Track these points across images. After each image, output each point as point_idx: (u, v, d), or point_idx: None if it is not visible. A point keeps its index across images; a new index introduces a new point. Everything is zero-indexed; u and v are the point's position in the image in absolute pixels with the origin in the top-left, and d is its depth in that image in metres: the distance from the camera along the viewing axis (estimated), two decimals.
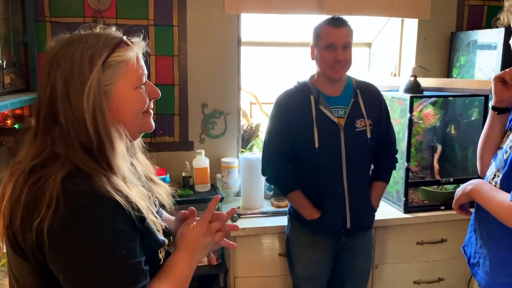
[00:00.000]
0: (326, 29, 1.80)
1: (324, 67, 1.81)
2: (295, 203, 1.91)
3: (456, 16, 2.73)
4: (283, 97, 1.91)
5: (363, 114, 1.85)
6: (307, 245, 1.93)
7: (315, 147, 1.81)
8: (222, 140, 2.55)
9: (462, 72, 2.65)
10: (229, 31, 2.46)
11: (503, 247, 1.31)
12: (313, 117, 1.82)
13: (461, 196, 1.45)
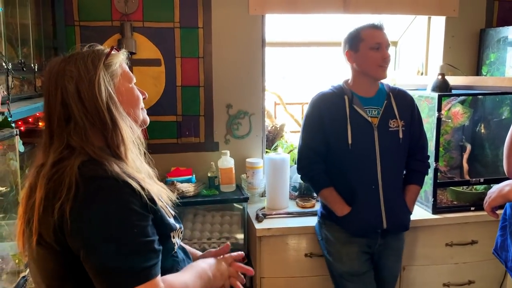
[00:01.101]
0: (370, 31, 1.86)
1: (372, 67, 1.86)
2: (327, 199, 1.93)
3: (485, 12, 2.67)
4: (318, 97, 1.96)
5: (396, 115, 1.91)
6: (342, 241, 1.93)
7: (348, 144, 1.85)
8: (246, 140, 2.56)
9: (492, 70, 2.58)
10: (254, 32, 2.47)
11: None
12: (347, 115, 1.87)
13: (497, 197, 1.40)
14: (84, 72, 0.99)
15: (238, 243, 2.34)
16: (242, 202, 2.33)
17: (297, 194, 2.47)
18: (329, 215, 1.95)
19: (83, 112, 0.98)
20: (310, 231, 2.11)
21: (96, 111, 0.98)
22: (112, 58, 1.05)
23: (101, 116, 0.98)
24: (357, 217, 1.87)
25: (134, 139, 1.05)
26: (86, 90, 0.98)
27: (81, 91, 0.98)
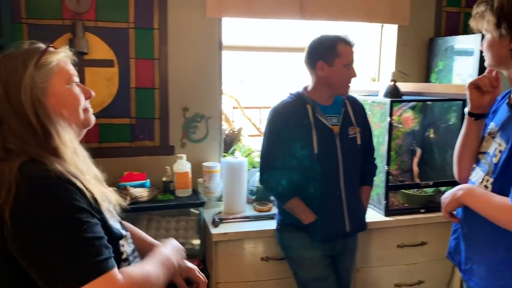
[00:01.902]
0: (346, 48, 1.87)
1: (342, 84, 1.90)
2: (294, 209, 1.93)
3: (434, 22, 2.79)
4: (281, 106, 1.95)
5: (353, 122, 1.96)
6: (305, 246, 1.95)
7: (314, 153, 1.87)
8: (203, 144, 2.53)
9: (441, 77, 2.70)
10: (211, 34, 2.45)
11: (499, 250, 1.33)
12: (311, 124, 1.88)
13: (451, 202, 1.42)
14: (12, 74, 0.97)
15: (194, 248, 2.30)
16: (198, 207, 2.29)
17: (254, 198, 2.46)
18: (290, 222, 1.95)
19: (13, 116, 0.96)
20: (266, 234, 2.11)
21: (25, 115, 0.96)
22: (47, 57, 1.02)
23: (30, 120, 0.96)
24: (323, 224, 1.89)
25: (72, 142, 1.01)
26: (13, 93, 0.97)
27: (9, 94, 0.97)
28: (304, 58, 1.93)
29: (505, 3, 1.28)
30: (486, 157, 1.39)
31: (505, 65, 1.34)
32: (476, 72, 2.38)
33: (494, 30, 1.29)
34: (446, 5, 2.78)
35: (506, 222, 1.25)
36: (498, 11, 1.28)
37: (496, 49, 1.32)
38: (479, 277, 1.39)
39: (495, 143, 1.36)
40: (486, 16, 1.30)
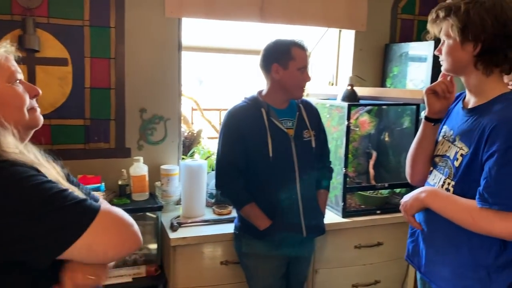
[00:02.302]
0: (300, 52, 1.88)
1: (296, 87, 1.91)
2: (249, 215, 1.91)
3: (389, 28, 2.87)
4: (235, 110, 1.94)
5: (308, 126, 1.97)
6: (261, 256, 1.94)
7: (269, 157, 1.86)
8: (161, 146, 2.47)
9: (395, 82, 2.78)
10: (170, 34, 2.40)
11: (463, 251, 1.36)
12: (266, 127, 1.88)
13: (414, 204, 1.43)
14: None
15: (151, 253, 2.25)
16: (155, 211, 2.24)
17: (213, 201, 2.44)
18: (248, 228, 1.93)
19: None
20: (226, 238, 2.09)
21: None
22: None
23: None
24: (278, 229, 1.88)
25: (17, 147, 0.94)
26: None
27: None
28: (259, 61, 1.93)
29: (470, 8, 1.30)
30: (446, 161, 1.42)
31: (464, 71, 1.37)
32: (429, 78, 2.47)
33: (458, 35, 1.31)
34: (401, 12, 2.88)
35: (472, 224, 1.29)
36: (464, 16, 1.30)
37: (458, 55, 1.34)
38: (443, 279, 1.42)
39: (455, 147, 1.39)
40: (450, 21, 1.32)
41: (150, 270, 2.19)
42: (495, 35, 1.30)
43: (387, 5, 2.85)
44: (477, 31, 1.30)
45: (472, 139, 1.33)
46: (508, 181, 1.23)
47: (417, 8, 2.90)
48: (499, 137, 1.24)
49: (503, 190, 1.23)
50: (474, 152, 1.31)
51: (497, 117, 1.28)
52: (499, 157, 1.23)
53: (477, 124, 1.33)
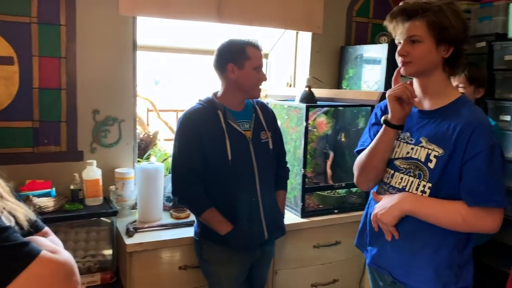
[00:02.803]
0: (255, 51, 1.87)
1: (252, 86, 1.90)
2: (210, 221, 1.87)
3: (345, 31, 2.93)
4: (190, 113, 1.89)
5: (264, 127, 1.97)
6: (223, 262, 1.91)
7: (228, 159, 1.83)
8: (116, 149, 2.39)
9: (351, 84, 2.84)
10: (124, 33, 2.33)
11: (441, 252, 1.41)
12: (224, 130, 1.85)
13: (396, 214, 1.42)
14: None
15: (106, 260, 2.16)
16: (110, 216, 2.15)
17: (171, 205, 2.38)
18: (209, 234, 1.90)
19: None
20: (184, 242, 2.05)
21: None
22: None
23: None
24: (240, 233, 1.86)
25: None
26: None
27: None
28: (214, 62, 1.90)
29: (447, 10, 1.34)
30: (416, 163, 1.43)
31: (431, 73, 1.40)
32: (383, 80, 2.53)
33: (436, 37, 1.33)
34: (355, 15, 2.94)
35: (461, 224, 1.33)
36: (443, 17, 1.33)
37: (432, 57, 1.37)
38: (423, 280, 1.44)
39: (425, 149, 1.41)
40: (425, 24, 1.34)
41: (105, 277, 2.11)
42: (463, 39, 1.36)
43: (342, 8, 2.91)
44: (454, 34, 1.34)
45: (446, 140, 1.36)
46: (496, 178, 1.32)
47: (371, 12, 2.98)
48: (481, 139, 1.31)
49: (492, 188, 1.31)
50: (451, 154, 1.35)
51: (473, 120, 1.34)
52: (485, 157, 1.30)
53: (447, 126, 1.37)
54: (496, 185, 1.32)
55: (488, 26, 2.58)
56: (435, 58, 1.38)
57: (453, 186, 1.36)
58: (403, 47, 1.39)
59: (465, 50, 1.41)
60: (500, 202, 1.32)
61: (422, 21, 1.34)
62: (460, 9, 1.38)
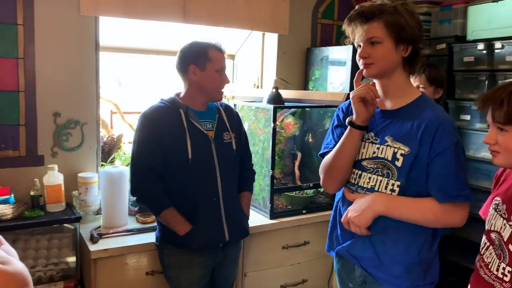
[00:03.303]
0: (217, 54, 1.86)
1: (214, 89, 1.89)
2: (169, 220, 1.83)
3: (310, 33, 2.95)
4: (151, 111, 1.86)
5: (228, 128, 1.95)
6: (184, 266, 1.88)
7: (188, 158, 1.81)
8: (78, 153, 2.31)
9: (317, 85, 2.86)
10: (86, 34, 2.26)
11: (412, 249, 1.43)
12: (185, 129, 1.83)
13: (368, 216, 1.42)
14: None
15: (69, 268, 2.09)
16: (73, 223, 2.08)
17: (137, 209, 2.33)
18: (169, 238, 1.87)
19: None
20: (151, 247, 2.00)
21: None
22: None
23: None
24: (199, 233, 1.83)
25: None
26: None
27: None
28: (176, 63, 1.89)
29: (402, 11, 1.37)
30: (383, 162, 1.44)
31: (392, 73, 1.43)
32: (348, 81, 2.57)
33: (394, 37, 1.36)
34: (321, 17, 2.97)
35: (433, 220, 1.38)
36: (400, 17, 1.36)
37: (392, 57, 1.39)
38: (395, 276, 1.46)
39: (391, 148, 1.43)
40: (383, 24, 1.36)
41: (69, 286, 2.04)
42: (420, 37, 1.41)
43: (307, 10, 2.93)
44: (412, 33, 1.38)
45: (411, 138, 1.39)
46: (462, 173, 1.37)
47: (336, 13, 3.02)
48: (445, 136, 1.35)
49: (460, 183, 1.36)
50: (418, 152, 1.38)
51: (436, 118, 1.37)
52: (451, 153, 1.34)
53: (411, 124, 1.40)
54: (463, 180, 1.37)
55: (447, 29, 2.66)
56: (395, 58, 1.41)
57: (421, 184, 1.40)
58: (364, 49, 1.40)
59: (422, 49, 1.46)
60: (468, 196, 1.37)
61: (380, 22, 1.36)
62: (413, 9, 1.42)
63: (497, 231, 1.26)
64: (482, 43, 2.34)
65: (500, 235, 1.24)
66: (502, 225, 1.24)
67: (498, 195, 1.32)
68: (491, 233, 1.29)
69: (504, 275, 1.21)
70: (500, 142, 1.20)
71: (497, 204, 1.31)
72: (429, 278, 1.47)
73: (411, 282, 1.45)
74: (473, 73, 2.41)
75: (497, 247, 1.25)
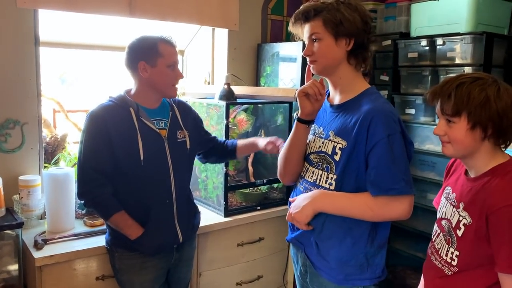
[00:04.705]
0: (168, 48, 1.77)
1: (167, 85, 1.81)
2: (119, 225, 1.76)
3: (261, 29, 2.95)
4: (99, 110, 1.76)
5: (181, 126, 1.89)
6: (137, 269, 1.81)
7: (140, 159, 1.73)
8: (18, 154, 2.17)
9: (269, 81, 2.87)
10: (24, 28, 2.12)
11: (346, 242, 1.45)
12: (136, 128, 1.74)
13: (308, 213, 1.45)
14: None
15: (11, 277, 1.96)
16: (15, 229, 1.95)
17: (84, 212, 2.22)
18: (120, 241, 1.80)
19: None
20: (100, 251, 1.92)
21: None
22: None
23: None
24: (152, 236, 1.77)
25: None
26: None
27: None
28: (124, 59, 1.80)
29: (340, 6, 1.40)
30: (324, 156, 1.48)
31: (337, 68, 1.46)
32: (298, 77, 2.59)
33: (333, 31, 1.40)
34: (270, 13, 2.98)
35: (371, 215, 1.38)
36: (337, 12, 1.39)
37: (334, 52, 1.42)
38: (331, 268, 1.49)
39: (331, 142, 1.46)
40: (321, 19, 1.40)
41: None
42: (363, 30, 1.42)
43: (257, 6, 2.93)
44: (350, 26, 1.40)
45: (348, 133, 1.41)
46: (397, 166, 1.36)
47: (285, 9, 3.03)
48: (378, 128, 1.35)
49: (392, 176, 1.35)
50: (353, 145, 1.40)
51: (371, 110, 1.39)
52: (383, 145, 1.35)
53: (350, 118, 1.43)
54: (397, 173, 1.35)
55: (392, 25, 2.75)
56: (338, 52, 1.43)
57: (360, 178, 1.41)
58: (307, 47, 1.47)
59: (370, 41, 1.47)
60: (402, 190, 1.35)
61: (319, 19, 1.42)
62: (357, 3, 1.44)
63: (447, 218, 1.32)
64: (425, 40, 2.44)
65: (450, 222, 1.30)
66: (452, 213, 1.30)
67: (448, 185, 1.38)
68: (442, 220, 1.34)
69: (452, 259, 1.27)
70: (448, 133, 1.25)
71: (447, 193, 1.37)
72: (369, 273, 1.48)
73: (345, 276, 1.48)
74: (417, 68, 2.50)
75: (446, 233, 1.31)
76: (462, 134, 1.22)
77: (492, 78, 1.22)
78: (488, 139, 1.21)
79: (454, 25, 2.34)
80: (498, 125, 1.19)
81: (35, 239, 1.92)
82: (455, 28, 2.33)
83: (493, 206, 1.16)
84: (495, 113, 1.18)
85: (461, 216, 1.26)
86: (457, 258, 1.26)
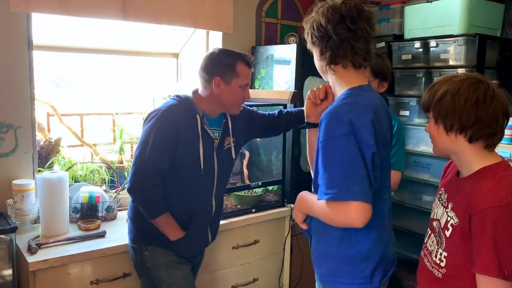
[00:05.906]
0: (246, 70, 1.80)
1: (235, 104, 1.83)
2: (163, 225, 1.78)
3: (255, 31, 2.95)
4: (169, 110, 1.76)
5: (230, 132, 1.92)
6: (174, 264, 1.86)
7: (200, 167, 1.78)
8: (12, 159, 2.16)
9: (263, 84, 2.87)
10: (17, 31, 2.11)
11: (320, 244, 1.48)
12: (199, 136, 1.77)
13: (297, 212, 1.53)
14: None
15: (5, 282, 1.95)
16: (8, 233, 1.94)
17: (78, 216, 2.22)
18: (151, 239, 1.82)
19: None
20: (95, 255, 1.92)
21: None
22: None
23: None
24: (190, 240, 1.83)
25: None
26: None
27: None
28: (201, 69, 1.81)
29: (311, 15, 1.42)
30: None
31: (324, 74, 1.47)
32: (293, 79, 2.59)
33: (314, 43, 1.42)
34: (265, 16, 2.98)
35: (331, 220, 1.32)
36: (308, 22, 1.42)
37: (320, 61, 1.44)
38: (315, 264, 1.54)
39: None
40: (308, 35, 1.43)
41: None
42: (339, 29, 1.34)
43: (251, 9, 2.93)
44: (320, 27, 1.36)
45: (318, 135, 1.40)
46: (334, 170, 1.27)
47: (279, 12, 3.04)
48: (321, 132, 1.32)
49: (327, 181, 1.28)
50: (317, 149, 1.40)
51: (324, 113, 1.34)
52: (320, 149, 1.31)
53: None
54: (334, 178, 1.26)
55: (386, 28, 2.76)
56: (323, 61, 1.41)
57: None
58: None
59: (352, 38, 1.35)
60: (336, 196, 1.25)
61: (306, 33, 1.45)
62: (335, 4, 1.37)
63: (437, 219, 1.32)
64: (418, 42, 2.45)
65: (439, 222, 1.30)
66: (442, 213, 1.30)
67: (443, 185, 1.39)
68: (434, 221, 1.35)
69: (441, 260, 1.27)
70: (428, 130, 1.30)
71: (440, 194, 1.37)
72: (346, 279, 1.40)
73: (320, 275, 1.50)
74: (411, 70, 2.52)
75: (437, 234, 1.31)
76: (434, 130, 1.26)
77: (474, 78, 1.21)
78: (469, 139, 1.21)
79: (447, 27, 2.36)
80: (459, 121, 1.19)
81: (29, 244, 1.91)
82: (448, 30, 2.35)
83: (476, 207, 1.16)
84: (451, 108, 1.19)
85: (449, 217, 1.26)
86: (445, 259, 1.26)
